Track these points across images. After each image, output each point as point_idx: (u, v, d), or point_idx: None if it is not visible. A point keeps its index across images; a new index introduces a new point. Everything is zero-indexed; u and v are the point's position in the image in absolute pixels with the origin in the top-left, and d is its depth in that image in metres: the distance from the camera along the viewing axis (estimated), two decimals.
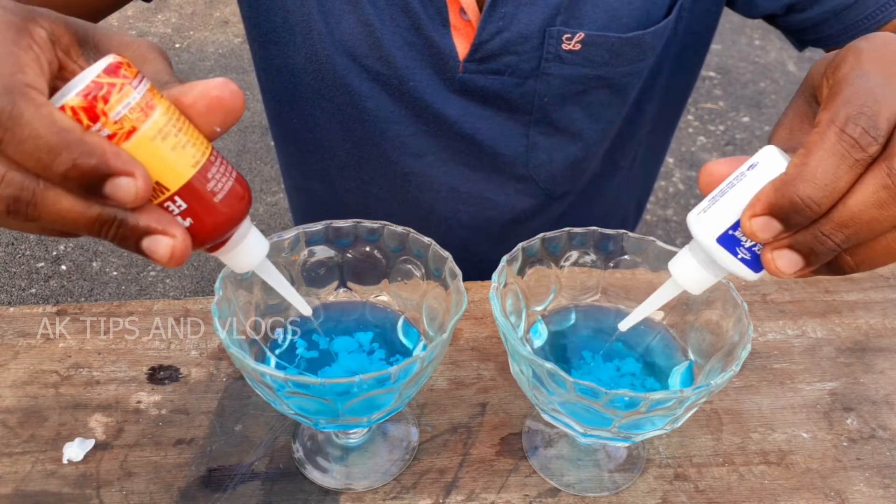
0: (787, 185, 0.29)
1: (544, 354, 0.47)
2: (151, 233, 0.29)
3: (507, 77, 0.61)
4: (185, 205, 0.30)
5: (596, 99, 0.63)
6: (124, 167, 0.27)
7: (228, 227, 0.32)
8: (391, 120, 0.65)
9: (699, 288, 0.37)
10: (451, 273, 0.44)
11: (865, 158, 0.28)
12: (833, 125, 0.29)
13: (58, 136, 0.26)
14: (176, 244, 0.29)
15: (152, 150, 0.28)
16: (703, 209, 0.34)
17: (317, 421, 0.41)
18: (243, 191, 0.32)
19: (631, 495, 0.48)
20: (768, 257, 0.32)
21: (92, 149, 0.26)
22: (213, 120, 0.30)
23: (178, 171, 0.29)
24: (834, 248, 0.30)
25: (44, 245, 1.96)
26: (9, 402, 0.53)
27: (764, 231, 0.31)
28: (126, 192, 0.27)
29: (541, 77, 0.60)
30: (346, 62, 0.62)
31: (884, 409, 0.54)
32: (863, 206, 0.29)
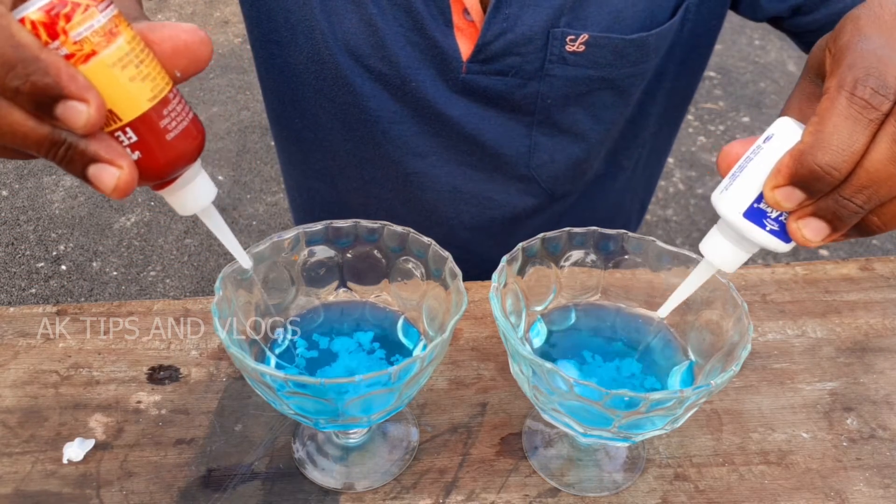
0: (804, 153, 0.30)
1: (544, 354, 0.47)
2: (99, 160, 0.28)
3: (510, 78, 0.61)
4: (135, 137, 0.29)
5: (599, 100, 0.63)
6: (78, 91, 0.26)
7: (177, 166, 0.31)
8: (394, 120, 0.65)
9: (733, 266, 0.36)
10: (451, 273, 0.44)
11: (879, 117, 0.29)
12: (843, 90, 0.29)
13: (14, 49, 0.25)
14: (122, 175, 0.29)
15: (110, 77, 0.28)
16: (725, 187, 0.34)
17: (317, 421, 0.41)
18: (197, 132, 0.32)
19: (631, 495, 0.48)
20: (794, 227, 0.32)
21: (47, 67, 0.26)
22: (177, 63, 0.30)
23: (134, 102, 0.29)
24: (857, 211, 0.30)
25: (44, 245, 1.96)
26: (9, 402, 0.53)
27: (788, 200, 0.31)
28: (77, 116, 0.27)
29: (544, 78, 0.60)
30: (349, 62, 0.61)
31: (884, 409, 0.54)
32: (879, 165, 0.29)
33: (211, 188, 0.35)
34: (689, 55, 0.66)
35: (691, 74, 0.69)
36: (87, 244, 1.97)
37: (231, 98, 2.60)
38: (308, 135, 0.71)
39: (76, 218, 2.06)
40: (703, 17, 0.63)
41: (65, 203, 2.11)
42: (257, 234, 2.03)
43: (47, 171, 2.24)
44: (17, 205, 2.10)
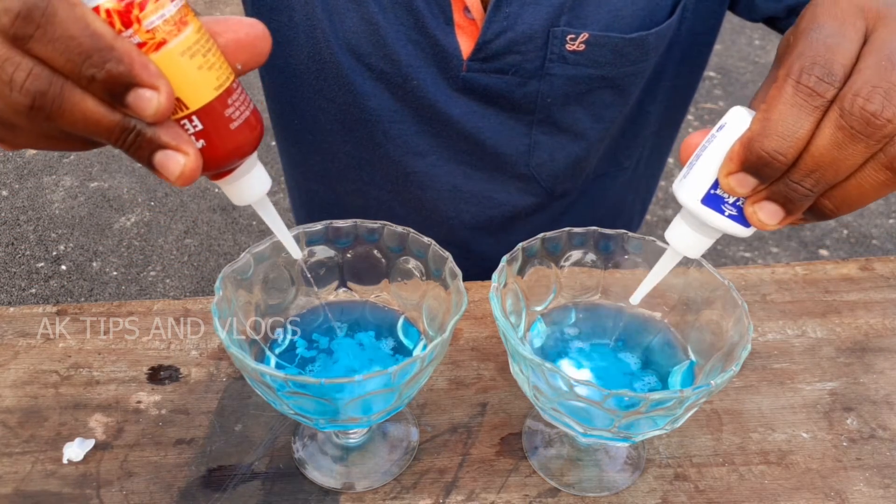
0: (752, 140, 0.31)
1: (544, 354, 0.47)
2: (166, 147, 0.29)
3: (510, 76, 0.61)
4: (200, 126, 0.30)
5: (599, 99, 0.63)
6: (150, 79, 0.27)
7: (238, 155, 0.32)
8: (394, 119, 0.65)
9: (696, 251, 0.37)
10: (451, 273, 0.44)
11: (823, 104, 0.30)
12: (790, 78, 0.30)
13: (90, 38, 0.26)
14: (188, 163, 0.29)
15: (179, 65, 0.28)
16: (683, 175, 0.35)
17: (317, 421, 0.41)
18: (257, 123, 0.32)
19: (631, 495, 0.48)
20: (750, 211, 0.33)
21: (121, 56, 0.26)
22: (239, 56, 0.31)
23: (201, 91, 0.29)
24: (807, 194, 0.31)
25: (44, 245, 1.96)
26: (9, 402, 0.53)
27: (741, 186, 0.32)
28: (148, 104, 0.27)
29: (544, 77, 0.60)
30: (350, 60, 0.62)
31: (884, 409, 0.54)
32: (823, 150, 0.30)
33: (266, 179, 0.36)
34: (687, 54, 0.66)
35: (691, 74, 0.69)
36: (87, 244, 1.97)
37: None
38: (307, 136, 0.71)
39: (76, 218, 2.06)
40: (702, 17, 0.63)
41: (65, 203, 2.11)
42: (257, 234, 2.03)
43: (47, 171, 2.24)
44: (17, 205, 2.10)
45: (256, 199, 0.36)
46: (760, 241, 2.05)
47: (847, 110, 0.29)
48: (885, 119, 0.29)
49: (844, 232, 2.09)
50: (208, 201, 2.15)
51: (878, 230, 2.10)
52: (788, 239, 2.06)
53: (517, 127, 0.65)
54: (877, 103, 0.29)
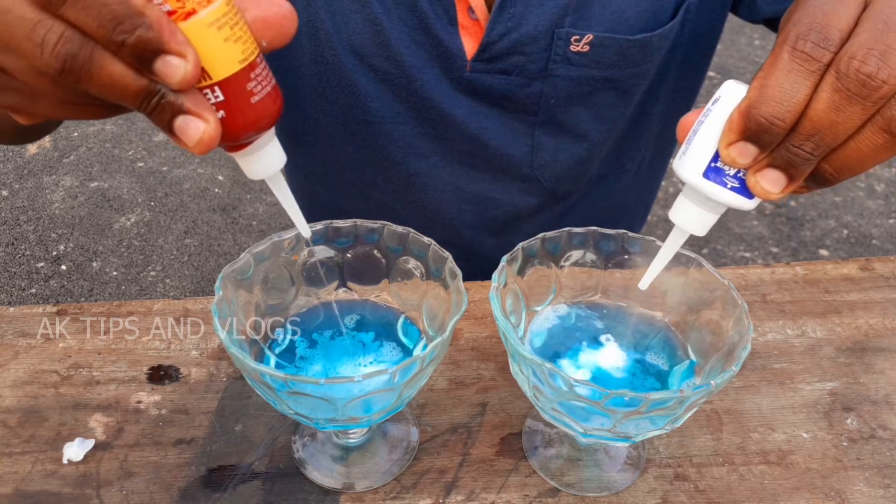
0: (750, 108, 0.31)
1: (544, 354, 0.47)
2: (187, 112, 0.29)
3: (514, 77, 0.61)
4: (222, 97, 0.30)
5: (602, 100, 0.64)
6: (178, 47, 0.28)
7: (257, 128, 0.32)
8: (397, 120, 0.65)
9: (703, 228, 0.37)
10: (451, 273, 0.44)
11: (820, 68, 0.30)
12: (785, 44, 0.30)
13: (121, 4, 0.26)
14: (207, 129, 0.29)
15: (206, 36, 0.29)
16: (683, 152, 0.35)
17: (317, 421, 0.41)
18: (277, 98, 0.33)
19: (631, 495, 0.48)
20: (752, 181, 0.33)
21: (151, 22, 0.27)
22: (265, 34, 0.31)
23: (225, 63, 0.30)
24: (808, 158, 0.31)
25: (44, 245, 1.96)
26: (9, 402, 0.53)
27: (742, 156, 0.32)
28: (175, 71, 0.28)
29: (548, 78, 0.61)
30: (353, 62, 0.62)
31: (884, 409, 0.54)
32: (821, 113, 0.30)
33: (281, 156, 0.36)
34: (690, 56, 0.66)
35: (693, 76, 0.69)
36: (87, 244, 1.97)
37: None
38: (309, 138, 0.71)
39: (76, 218, 2.06)
40: (704, 18, 0.63)
41: (65, 203, 2.11)
42: (257, 234, 2.03)
43: (47, 171, 2.24)
44: (17, 205, 2.10)
45: (271, 173, 0.36)
46: (760, 241, 2.05)
47: (843, 73, 0.29)
48: (880, 80, 0.29)
49: (844, 232, 2.09)
50: (208, 201, 2.15)
51: (878, 230, 2.10)
52: (788, 239, 2.06)
53: (520, 128, 0.65)
54: (872, 65, 0.29)
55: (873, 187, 2.28)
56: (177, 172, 2.26)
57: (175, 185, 2.21)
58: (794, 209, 2.18)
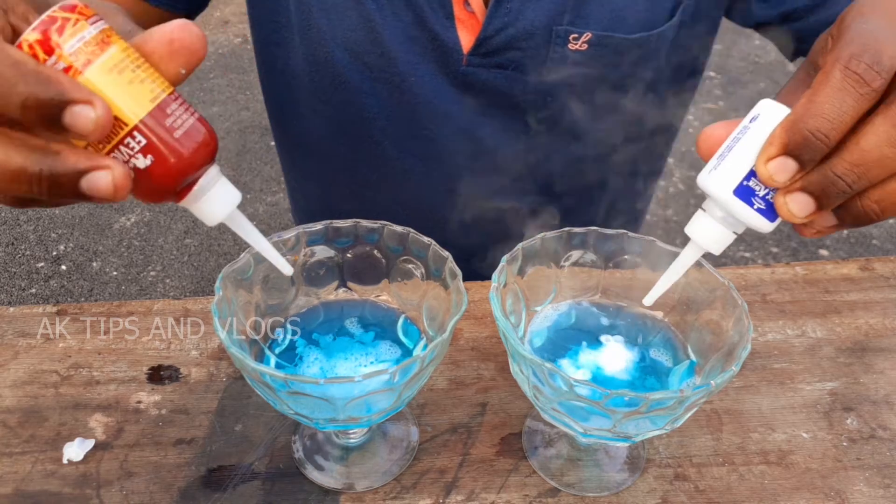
0: (796, 122, 0.30)
1: (544, 354, 0.47)
2: (85, 171, 0.28)
3: (510, 72, 0.61)
4: (144, 140, 0.29)
5: (598, 99, 0.63)
6: (81, 95, 0.27)
7: (193, 165, 0.31)
8: (391, 118, 0.65)
9: (719, 247, 0.37)
10: (451, 273, 0.44)
11: (870, 93, 0.29)
12: (838, 63, 0.30)
13: (13, 68, 0.26)
14: (115, 174, 0.28)
15: (109, 82, 0.28)
16: (714, 167, 0.34)
17: (317, 421, 0.41)
18: (207, 131, 0.31)
19: (631, 495, 0.48)
20: (781, 201, 0.32)
21: (48, 78, 0.26)
22: (178, 62, 0.30)
23: (137, 104, 0.29)
24: (845, 189, 0.31)
25: (44, 245, 1.96)
26: (9, 402, 0.53)
27: (780, 172, 0.31)
28: (86, 119, 0.27)
29: (545, 75, 0.61)
30: (347, 59, 0.61)
31: (884, 409, 0.54)
32: (874, 145, 0.30)
33: (233, 193, 0.34)
34: (686, 56, 0.66)
35: (690, 76, 0.69)
36: (87, 244, 1.97)
37: (231, 98, 2.60)
38: (304, 138, 0.71)
39: (76, 218, 2.06)
40: (701, 19, 0.63)
41: None
42: None
43: None
44: None
45: (227, 213, 0.34)
46: (760, 241, 2.05)
47: None
48: None
49: (844, 232, 2.09)
50: None
51: (878, 230, 2.10)
52: (788, 239, 2.06)
53: (516, 126, 0.65)
54: None
55: None
56: None
57: None
58: None
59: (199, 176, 0.32)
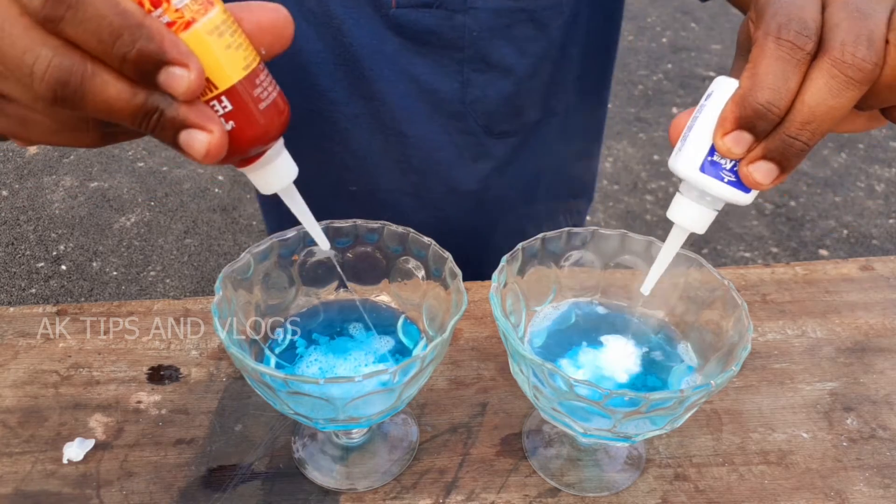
0: (745, 96, 0.32)
1: (544, 354, 0.47)
2: (190, 126, 0.29)
3: (436, 10, 0.63)
4: (230, 106, 0.30)
5: (521, 33, 0.66)
6: (181, 57, 0.27)
7: (268, 137, 0.32)
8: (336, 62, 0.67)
9: (702, 226, 0.37)
10: (451, 273, 0.44)
11: (805, 56, 0.31)
12: (769, 35, 0.32)
13: (120, 17, 0.26)
14: (212, 140, 0.29)
15: (207, 45, 0.28)
16: (679, 149, 0.35)
17: (316, 421, 0.41)
18: (284, 105, 0.32)
19: (631, 495, 0.48)
20: (745, 172, 0.34)
21: (152, 34, 0.27)
22: (263, 41, 0.31)
23: (229, 71, 0.29)
24: (803, 148, 0.32)
25: (44, 245, 1.96)
26: (9, 401, 0.53)
27: (737, 145, 0.33)
28: (180, 82, 0.27)
29: (469, 11, 0.63)
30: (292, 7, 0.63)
31: (884, 409, 0.54)
32: (819, 99, 0.31)
33: (293, 167, 0.35)
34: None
35: (606, 20, 0.72)
36: (87, 244, 1.97)
37: None
38: None
39: (76, 218, 2.06)
40: None
41: (65, 203, 2.12)
42: (257, 234, 2.03)
43: (47, 171, 2.24)
44: (17, 205, 2.10)
45: (283, 186, 0.36)
46: (760, 241, 2.05)
47: (839, 59, 0.31)
48: (872, 63, 0.31)
49: (844, 232, 2.09)
50: (208, 201, 2.15)
51: (878, 230, 2.10)
52: (788, 239, 2.06)
53: (449, 64, 0.67)
54: (863, 49, 0.31)
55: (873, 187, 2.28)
56: (177, 172, 2.26)
57: (175, 185, 2.21)
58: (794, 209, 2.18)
59: (269, 147, 0.33)
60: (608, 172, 2.32)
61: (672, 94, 2.77)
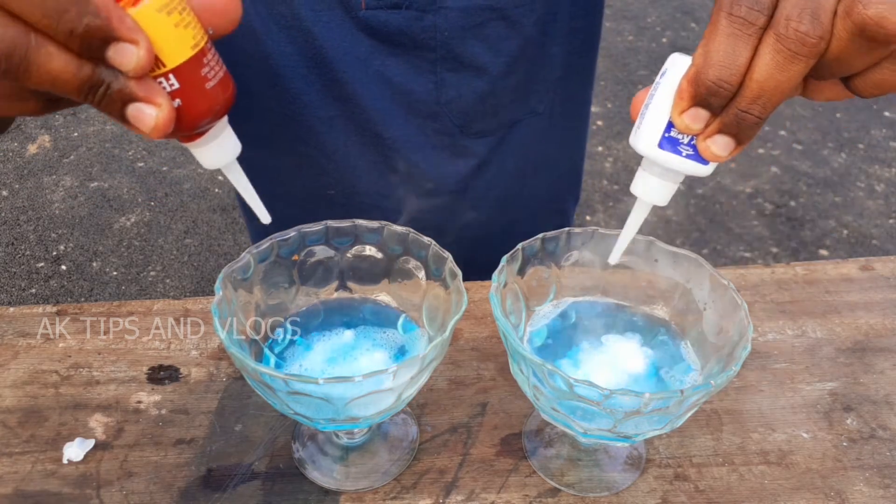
0: (698, 73, 0.33)
1: (544, 354, 0.47)
2: (137, 100, 0.29)
3: (405, 11, 0.63)
4: (177, 84, 0.30)
5: (494, 32, 0.65)
6: (129, 34, 0.27)
7: (213, 115, 0.32)
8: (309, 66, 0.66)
9: (664, 198, 0.38)
10: (451, 273, 0.44)
11: (757, 31, 0.32)
12: (721, 12, 0.32)
13: None
14: (160, 114, 0.29)
15: (156, 22, 0.28)
16: (637, 126, 0.36)
17: (316, 421, 0.41)
18: (230, 85, 0.32)
19: (631, 495, 0.48)
20: (703, 146, 0.34)
21: (99, 9, 0.26)
22: (210, 21, 0.31)
23: (178, 48, 0.29)
24: (756, 121, 0.33)
25: (44, 245, 1.96)
26: (9, 402, 0.53)
27: (695, 121, 0.34)
28: (129, 59, 0.27)
29: (439, 10, 0.63)
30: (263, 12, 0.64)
31: (884, 409, 0.54)
32: (766, 74, 0.32)
33: (236, 144, 0.36)
34: None
35: (587, 16, 0.71)
36: (87, 244, 1.97)
37: None
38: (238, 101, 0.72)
39: (76, 218, 2.06)
40: None
41: (65, 203, 2.12)
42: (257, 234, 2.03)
43: (47, 170, 2.24)
44: (17, 205, 2.10)
45: (227, 162, 0.36)
46: (760, 241, 2.05)
47: (783, 34, 0.31)
48: (816, 37, 0.31)
49: (844, 232, 2.09)
50: (208, 201, 2.15)
51: (878, 230, 2.10)
52: (788, 239, 2.06)
53: (422, 65, 0.66)
54: (807, 23, 0.31)
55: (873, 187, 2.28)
56: (177, 172, 2.26)
57: (175, 185, 2.21)
58: (794, 209, 2.18)
59: (214, 124, 0.33)
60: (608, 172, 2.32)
61: None
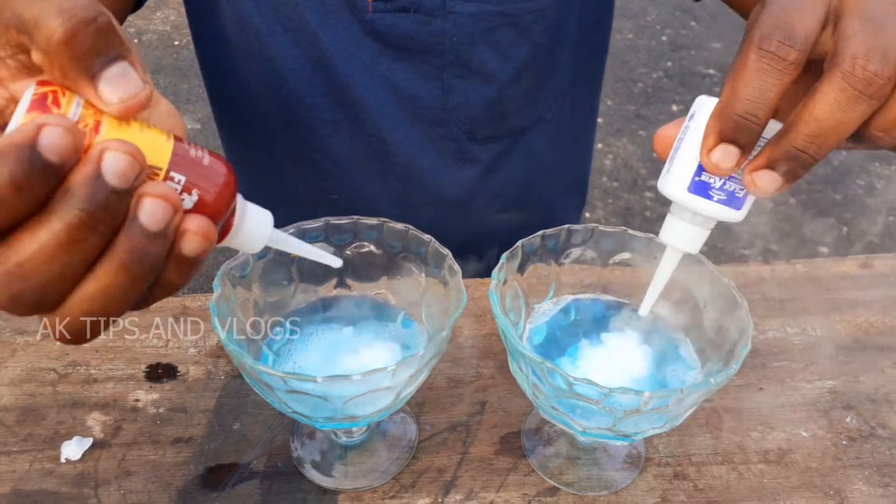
0: (724, 109, 0.32)
1: (544, 352, 0.47)
2: (187, 232, 0.28)
3: (413, 15, 0.62)
4: (183, 177, 0.28)
5: (502, 38, 0.65)
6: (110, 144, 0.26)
7: (229, 188, 0.30)
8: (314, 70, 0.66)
9: (695, 246, 0.37)
10: (450, 270, 0.44)
11: (788, 66, 0.31)
12: (751, 47, 0.31)
13: None
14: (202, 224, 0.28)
15: (126, 133, 0.27)
16: (666, 170, 0.35)
17: (315, 419, 0.41)
18: (223, 160, 0.30)
19: (630, 494, 0.48)
20: (749, 180, 0.33)
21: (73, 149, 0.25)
22: None
23: (158, 145, 0.28)
24: (810, 160, 0.32)
25: None
26: (6, 400, 0.52)
27: (724, 159, 0.32)
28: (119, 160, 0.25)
29: (447, 15, 0.62)
30: (269, 15, 0.64)
31: (883, 408, 0.54)
32: (827, 113, 0.31)
33: (266, 214, 0.34)
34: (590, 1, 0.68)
35: (596, 24, 0.71)
36: None
37: None
38: (240, 104, 0.72)
39: None
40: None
41: None
42: None
43: None
44: None
45: (268, 234, 0.34)
46: (760, 239, 2.05)
47: (849, 72, 0.30)
48: (885, 78, 0.30)
49: (845, 229, 2.09)
50: None
51: (877, 228, 2.10)
52: (788, 236, 2.06)
53: (429, 70, 0.66)
54: (876, 63, 0.30)
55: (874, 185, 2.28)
56: None
57: None
58: (794, 206, 2.18)
59: (233, 209, 0.31)
60: (608, 169, 2.32)
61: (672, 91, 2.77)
